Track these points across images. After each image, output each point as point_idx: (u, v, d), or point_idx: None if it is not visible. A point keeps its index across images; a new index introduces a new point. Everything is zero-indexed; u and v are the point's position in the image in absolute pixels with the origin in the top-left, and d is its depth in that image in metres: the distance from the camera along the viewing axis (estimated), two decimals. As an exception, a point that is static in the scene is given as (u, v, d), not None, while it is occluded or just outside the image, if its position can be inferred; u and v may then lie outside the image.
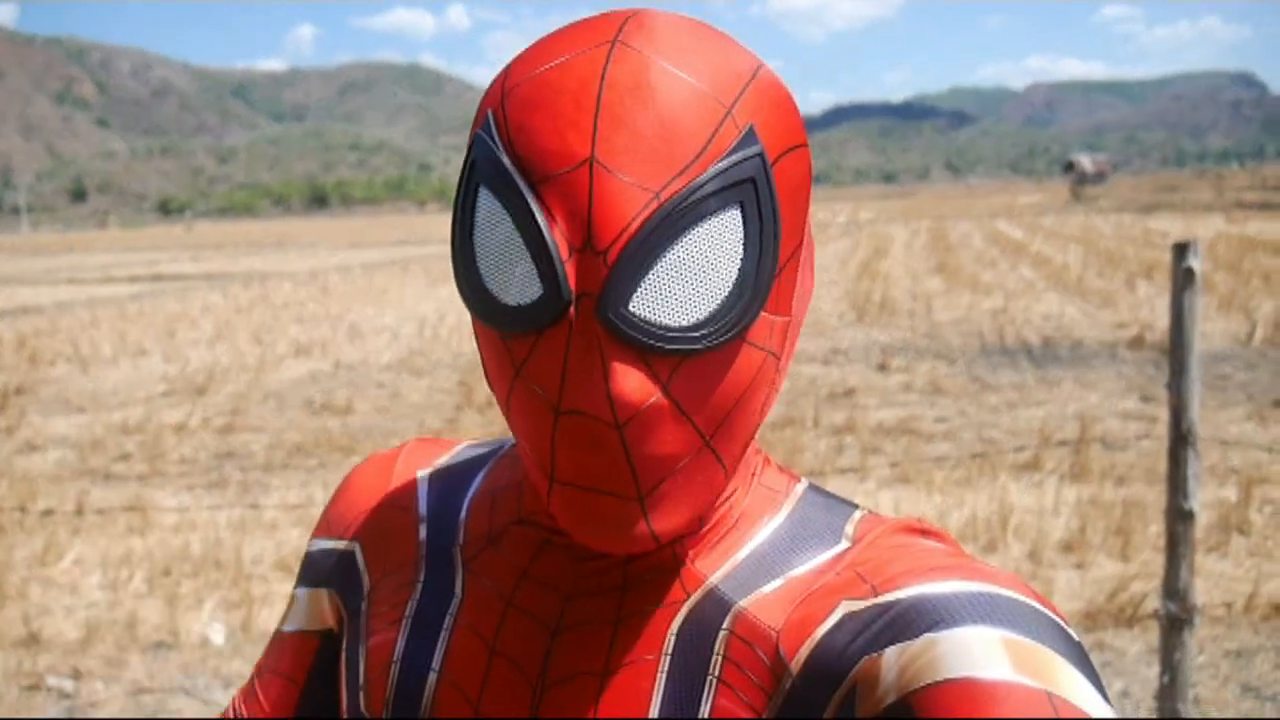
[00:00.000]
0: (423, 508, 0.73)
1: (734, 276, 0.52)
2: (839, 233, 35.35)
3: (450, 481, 0.73)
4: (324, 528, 0.77)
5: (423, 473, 0.75)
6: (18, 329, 16.63)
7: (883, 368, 10.36)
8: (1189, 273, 2.93)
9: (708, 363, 0.54)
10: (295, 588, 0.77)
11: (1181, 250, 2.97)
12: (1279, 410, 7.89)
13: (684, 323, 0.52)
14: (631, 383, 0.52)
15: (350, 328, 15.35)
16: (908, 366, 10.32)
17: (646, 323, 0.51)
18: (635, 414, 0.52)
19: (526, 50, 0.57)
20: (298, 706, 0.75)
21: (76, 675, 4.23)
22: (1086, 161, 77.64)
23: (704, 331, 0.52)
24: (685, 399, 0.54)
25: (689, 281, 0.52)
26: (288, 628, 0.77)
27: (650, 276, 0.51)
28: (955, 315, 13.79)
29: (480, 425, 8.45)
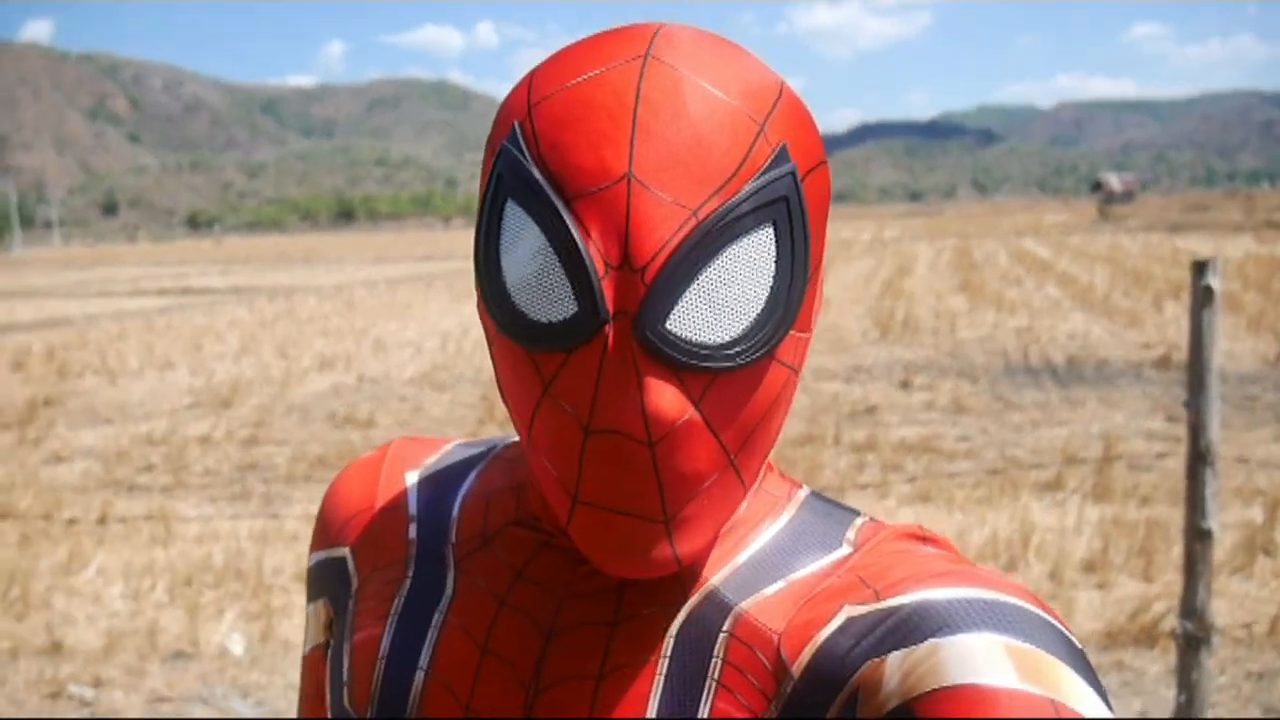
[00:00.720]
0: (413, 507, 0.72)
1: (766, 294, 0.53)
2: (863, 251, 35.26)
3: (441, 481, 0.73)
4: (318, 541, 0.76)
5: (411, 473, 0.74)
6: (48, 341, 16.84)
7: (905, 385, 10.32)
8: (1208, 290, 2.91)
9: (739, 380, 0.54)
10: (307, 606, 0.77)
11: (1201, 268, 2.96)
12: (1306, 431, 7.80)
13: (719, 340, 0.52)
14: (666, 400, 0.51)
15: (374, 342, 15.44)
16: (931, 384, 10.28)
17: (683, 341, 0.51)
18: (669, 432, 0.52)
19: (549, 62, 0.57)
20: None
21: (97, 684, 4.27)
22: (1114, 180, 77.18)
23: (738, 349, 0.52)
24: (715, 416, 0.53)
25: (724, 300, 0.52)
26: (306, 649, 0.77)
27: (687, 295, 0.51)
28: (979, 333, 13.73)
29: (506, 436, 8.47)
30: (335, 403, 10.59)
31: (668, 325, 0.51)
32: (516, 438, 0.75)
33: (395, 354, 14.09)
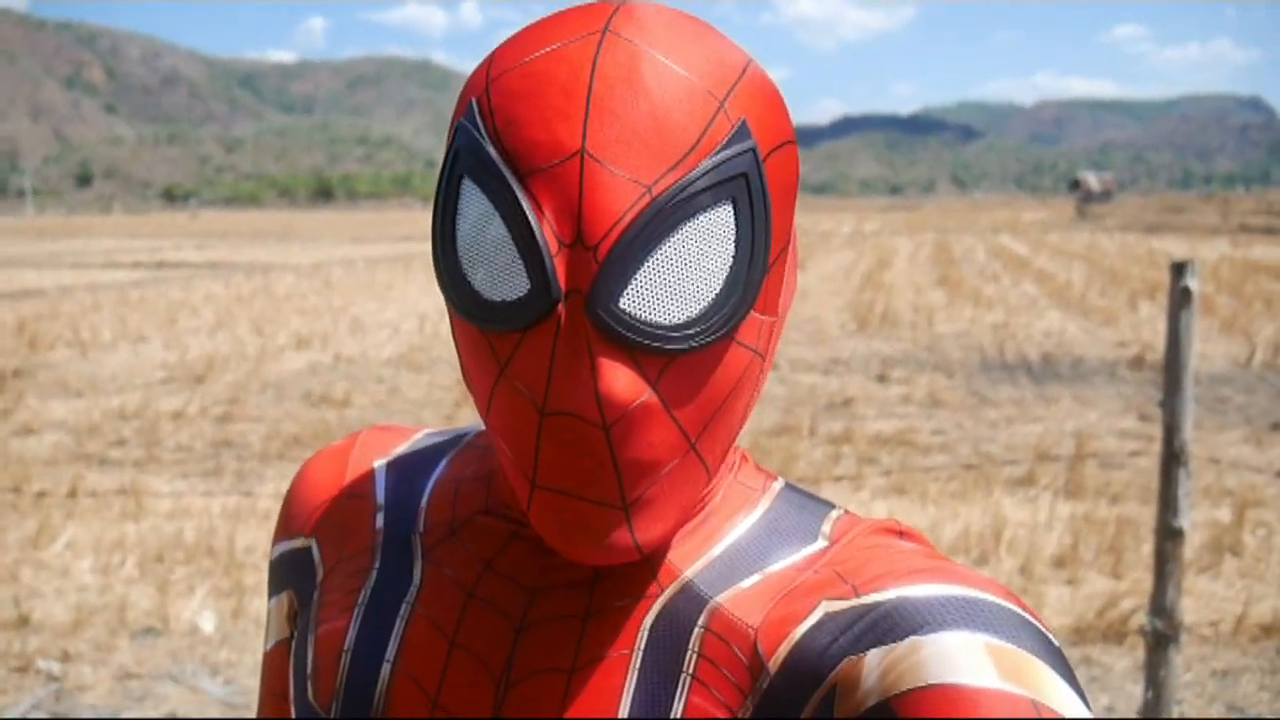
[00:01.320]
0: (380, 495, 0.70)
1: (725, 274, 0.51)
2: (843, 243, 35.35)
3: (410, 469, 0.71)
4: (282, 530, 0.74)
5: (380, 461, 0.72)
6: (19, 312, 16.64)
7: (882, 379, 10.37)
8: (1186, 292, 2.93)
9: (696, 362, 0.53)
10: (268, 600, 0.75)
11: (1180, 269, 2.98)
12: (1276, 433, 7.90)
13: (675, 320, 0.51)
14: (620, 382, 0.50)
15: (351, 321, 15.35)
16: (907, 379, 10.33)
17: (637, 320, 0.50)
18: (623, 414, 0.51)
19: (511, 39, 0.56)
20: None
21: (65, 658, 4.24)
22: (1093, 179, 77.74)
23: (695, 330, 0.51)
24: (673, 399, 0.52)
25: (680, 278, 0.50)
26: (268, 645, 0.75)
27: (641, 273, 0.50)
28: (956, 329, 13.80)
29: (478, 423, 8.45)
30: (311, 381, 10.52)
31: (621, 304, 0.50)
32: None
33: (373, 334, 14.02)
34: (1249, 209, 65.52)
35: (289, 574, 0.72)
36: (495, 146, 0.52)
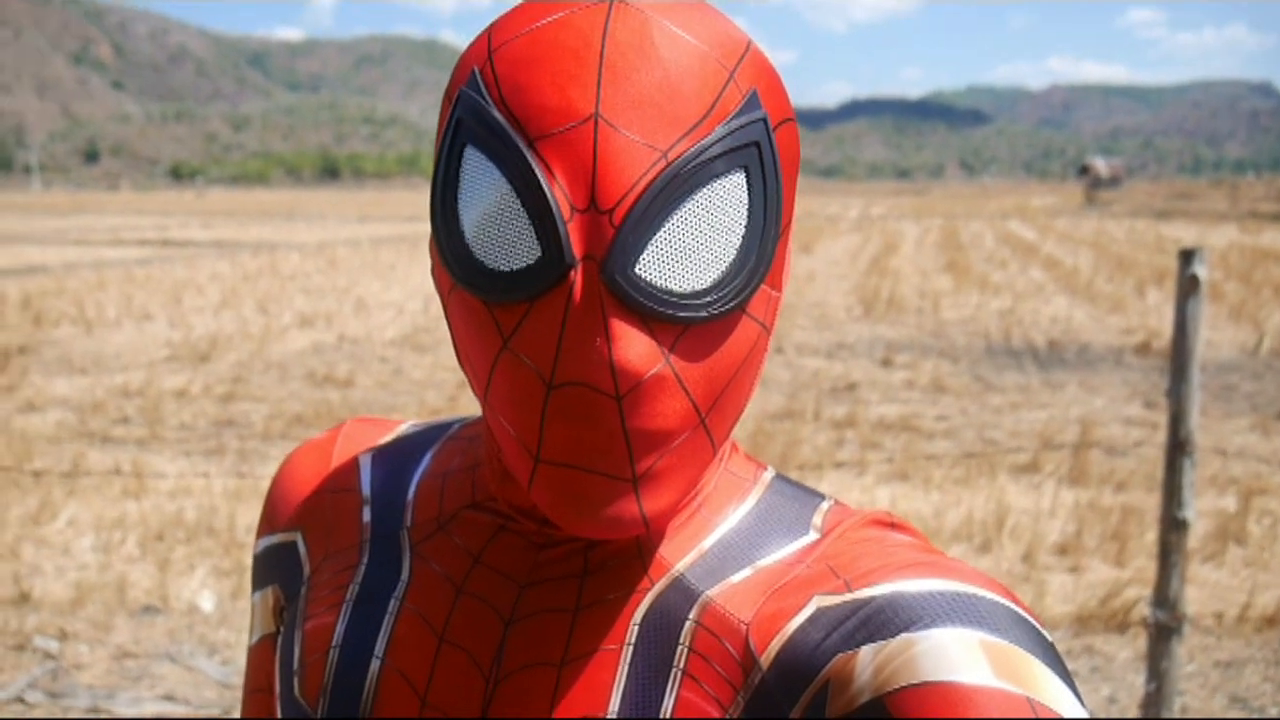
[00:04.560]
0: (366, 489, 0.69)
1: (738, 242, 0.51)
2: (850, 227, 35.23)
3: (394, 462, 0.70)
4: (266, 524, 0.73)
5: (365, 454, 0.72)
6: (24, 288, 16.65)
7: (887, 364, 10.33)
8: (1194, 279, 2.89)
9: (710, 332, 0.52)
10: (252, 595, 0.74)
11: (1188, 257, 2.94)
12: (1282, 422, 7.85)
13: (691, 288, 0.50)
14: (637, 349, 0.49)
15: (356, 301, 15.34)
16: (912, 364, 10.29)
17: (653, 287, 0.49)
18: (637, 384, 0.50)
19: (511, 12, 0.55)
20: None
21: (63, 637, 4.23)
22: (1102, 165, 77.41)
23: (710, 298, 0.50)
24: (685, 370, 0.51)
25: (696, 246, 0.50)
26: (252, 640, 0.74)
27: (657, 239, 0.49)
28: (963, 314, 13.75)
29: (462, 415, 8.44)
30: (314, 361, 10.52)
31: (637, 270, 0.49)
32: (475, 417, 0.73)
33: (377, 314, 14.00)
34: (1259, 195, 65.17)
35: (274, 568, 0.72)
36: (502, 112, 0.51)
